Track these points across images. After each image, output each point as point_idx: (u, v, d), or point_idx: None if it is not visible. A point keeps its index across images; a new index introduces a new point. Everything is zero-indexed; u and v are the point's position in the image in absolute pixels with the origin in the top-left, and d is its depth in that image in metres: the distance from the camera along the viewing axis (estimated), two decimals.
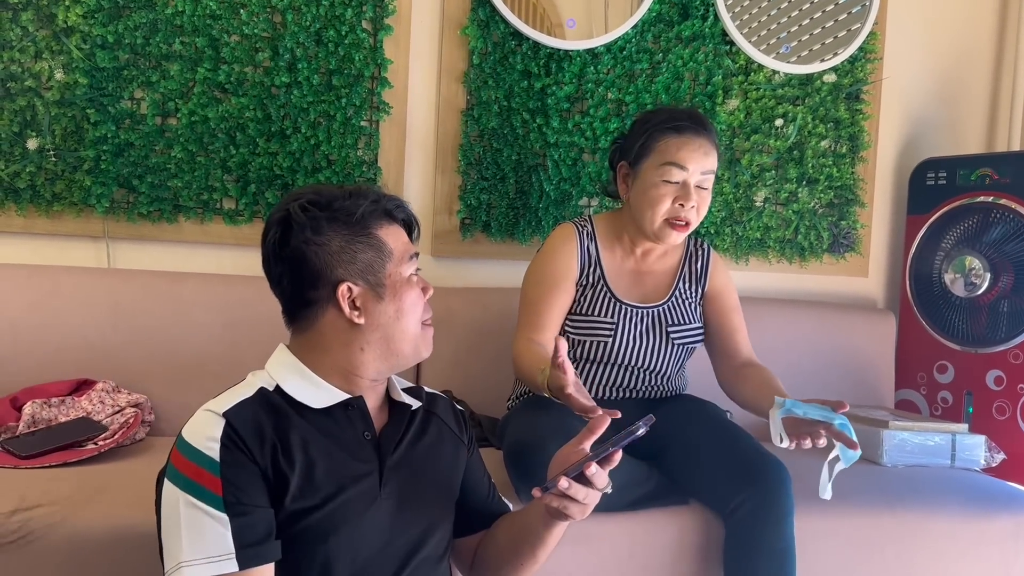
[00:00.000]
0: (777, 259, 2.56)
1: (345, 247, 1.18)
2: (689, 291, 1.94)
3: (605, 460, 1.11)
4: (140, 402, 1.96)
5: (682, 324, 1.90)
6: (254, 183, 2.21)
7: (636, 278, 1.92)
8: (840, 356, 2.45)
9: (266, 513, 1.11)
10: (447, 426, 1.33)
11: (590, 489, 1.10)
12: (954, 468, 2.11)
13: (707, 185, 1.82)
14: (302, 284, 1.19)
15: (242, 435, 1.11)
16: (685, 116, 1.82)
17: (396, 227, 1.24)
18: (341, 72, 2.23)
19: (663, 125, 1.82)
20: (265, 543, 1.10)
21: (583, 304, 1.88)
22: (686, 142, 1.79)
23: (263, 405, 1.16)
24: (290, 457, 1.13)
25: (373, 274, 1.19)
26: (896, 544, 1.83)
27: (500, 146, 2.35)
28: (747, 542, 1.64)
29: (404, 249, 1.22)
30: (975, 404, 2.37)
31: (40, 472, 1.65)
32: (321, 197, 1.20)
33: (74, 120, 2.11)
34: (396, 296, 1.20)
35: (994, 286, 2.33)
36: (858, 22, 2.50)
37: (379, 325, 1.19)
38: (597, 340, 1.86)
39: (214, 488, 1.08)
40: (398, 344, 1.21)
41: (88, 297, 2.05)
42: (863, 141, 2.57)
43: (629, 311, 1.87)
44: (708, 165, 1.80)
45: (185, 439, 1.12)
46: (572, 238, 1.90)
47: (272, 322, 2.07)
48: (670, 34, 2.42)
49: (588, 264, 1.90)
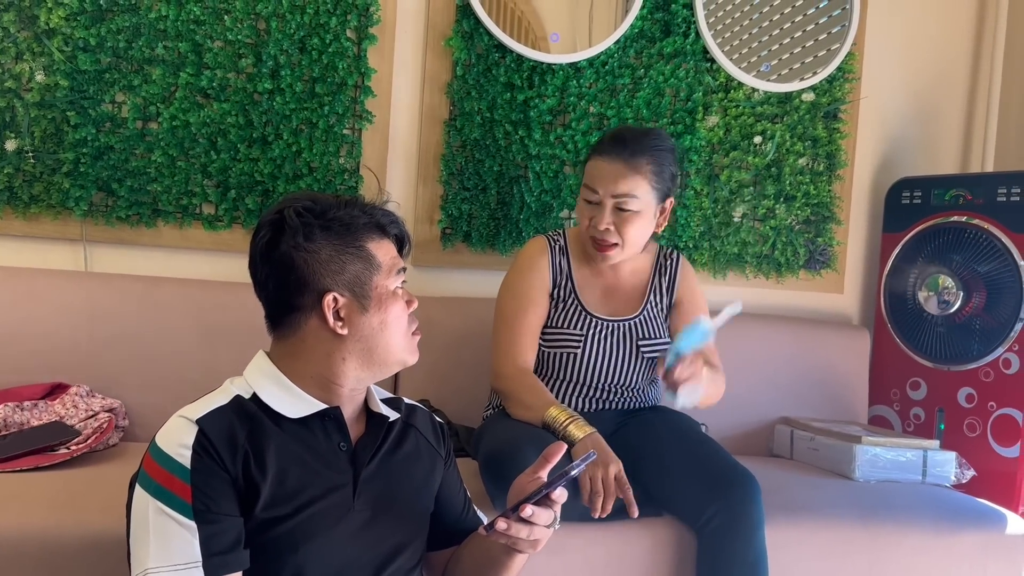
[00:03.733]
0: (754, 274, 2.59)
1: (334, 257, 1.18)
2: (660, 303, 1.96)
3: (545, 499, 1.10)
4: (114, 407, 1.95)
5: (653, 338, 1.91)
6: (234, 189, 2.20)
7: (607, 292, 1.94)
8: (815, 371, 2.47)
9: (235, 522, 1.11)
10: (425, 439, 1.33)
11: (533, 527, 1.10)
12: (925, 484, 2.13)
13: (626, 207, 1.81)
14: (287, 290, 1.19)
15: (214, 443, 1.11)
16: (611, 138, 1.85)
17: (387, 241, 1.24)
18: (324, 80, 2.23)
19: (596, 145, 1.87)
20: (233, 552, 1.10)
21: (554, 317, 1.90)
22: (599, 165, 1.83)
23: (238, 413, 1.16)
24: (262, 466, 1.13)
25: (360, 286, 1.19)
26: (867, 557, 1.85)
27: (482, 157, 2.36)
28: (719, 554, 1.65)
29: (392, 263, 1.23)
30: (947, 421, 2.40)
31: (11, 476, 1.63)
32: (317, 205, 1.20)
33: (54, 122, 2.10)
34: (381, 308, 1.20)
35: (966, 305, 2.36)
36: (837, 42, 2.54)
37: (362, 336, 1.20)
38: (566, 352, 1.87)
39: (184, 495, 1.08)
40: (380, 355, 1.21)
41: (64, 300, 2.03)
42: (840, 159, 2.60)
43: (599, 323, 1.89)
44: (617, 189, 1.80)
45: (158, 445, 1.12)
46: (544, 252, 1.92)
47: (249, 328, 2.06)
48: (652, 50, 2.44)
49: (560, 277, 1.91)
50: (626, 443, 1.78)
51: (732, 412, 2.34)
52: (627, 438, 1.83)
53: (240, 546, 1.11)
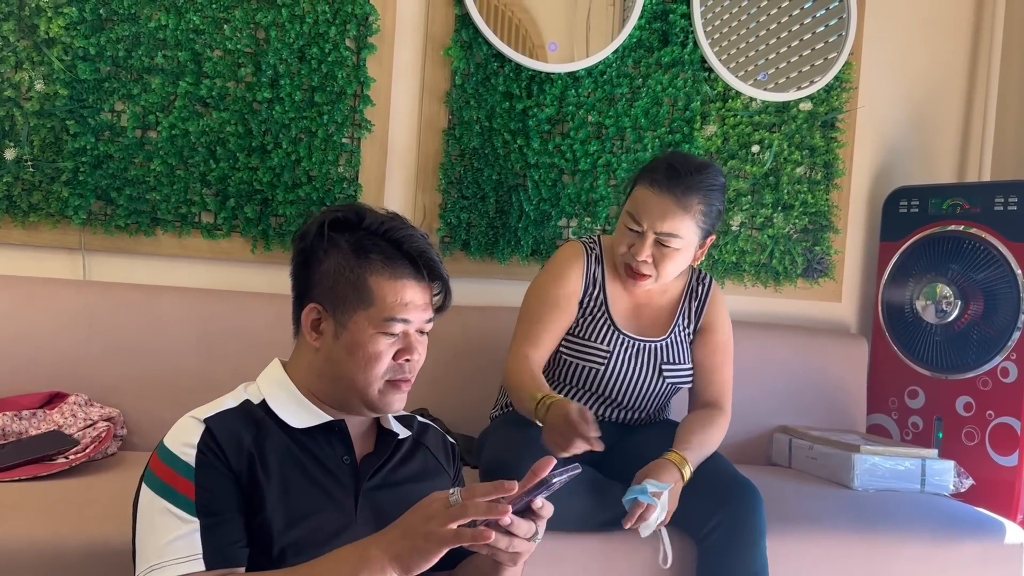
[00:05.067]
0: (752, 283, 2.59)
1: (332, 273, 1.18)
2: (687, 328, 1.92)
3: (527, 511, 1.04)
4: (113, 416, 1.94)
5: (677, 363, 1.88)
6: (233, 198, 2.21)
7: (637, 309, 1.90)
8: (813, 380, 2.47)
9: (237, 519, 1.12)
10: (434, 458, 1.32)
11: (512, 538, 1.02)
12: (924, 493, 2.13)
13: (669, 244, 1.75)
14: (297, 287, 1.23)
15: (220, 442, 1.12)
16: (666, 168, 1.75)
17: (411, 284, 1.18)
18: (323, 89, 2.24)
19: (649, 172, 1.78)
20: (234, 546, 1.10)
21: (582, 327, 1.86)
22: (648, 197, 1.75)
23: (245, 417, 1.17)
24: (267, 469, 1.14)
25: (343, 312, 1.17)
26: (866, 567, 1.85)
27: (481, 166, 2.37)
28: (720, 565, 1.65)
29: (397, 310, 1.16)
30: (945, 430, 2.40)
31: (9, 486, 1.63)
32: (358, 218, 1.19)
33: (53, 131, 2.10)
34: (351, 345, 1.17)
35: (964, 313, 2.37)
36: (834, 51, 2.55)
37: (330, 360, 1.19)
38: (590, 366, 1.85)
39: (188, 493, 1.09)
40: (344, 385, 1.18)
41: (63, 309, 2.03)
42: (838, 168, 2.61)
43: (626, 341, 1.86)
44: (663, 227, 1.73)
45: (165, 444, 1.14)
46: (580, 258, 1.87)
47: (249, 337, 2.09)
48: (650, 60, 2.45)
49: (592, 287, 1.87)
50: (628, 452, 1.78)
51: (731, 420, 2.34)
52: (629, 447, 1.82)
53: (241, 543, 1.11)
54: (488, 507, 0.98)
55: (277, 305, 2.06)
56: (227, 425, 1.14)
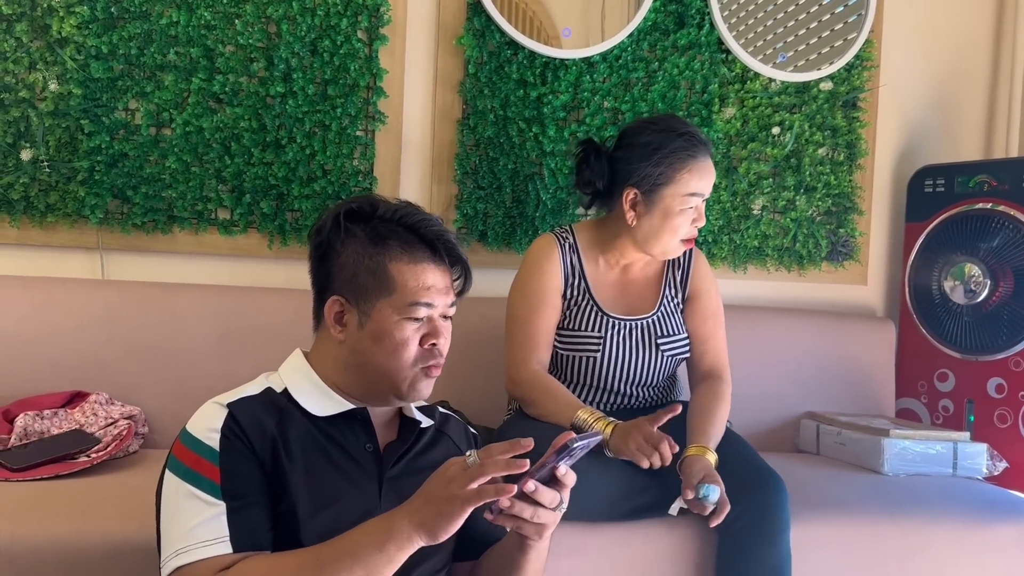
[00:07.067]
0: (775, 267, 2.55)
1: (351, 264, 1.18)
2: (676, 298, 1.92)
3: (552, 480, 1.04)
4: (133, 414, 1.95)
5: (672, 335, 1.88)
6: (249, 193, 2.20)
7: (621, 289, 1.90)
8: (840, 365, 2.43)
9: (263, 503, 1.11)
10: (456, 447, 1.31)
11: (537, 508, 1.03)
12: (956, 477, 2.09)
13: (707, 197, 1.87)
14: (317, 282, 1.22)
15: (244, 427, 1.12)
16: (690, 136, 1.81)
17: (431, 267, 1.18)
18: (336, 82, 2.23)
19: (682, 153, 1.79)
20: (260, 529, 1.10)
21: (570, 319, 1.85)
22: (702, 169, 1.81)
23: (268, 404, 1.17)
24: (290, 455, 1.14)
25: (365, 301, 1.17)
26: (897, 553, 1.82)
27: (496, 155, 2.34)
28: (741, 556, 1.62)
29: (420, 294, 1.16)
30: (976, 412, 2.35)
31: (32, 485, 1.63)
32: (372, 208, 1.19)
33: (68, 131, 2.10)
34: (377, 333, 1.17)
35: (994, 293, 2.32)
36: (854, 31, 2.50)
37: (356, 350, 1.18)
38: (585, 356, 1.84)
39: (213, 477, 1.09)
40: (371, 375, 1.18)
41: (82, 309, 2.03)
42: (860, 149, 2.56)
43: (616, 324, 1.85)
44: (712, 183, 1.85)
45: (188, 430, 1.14)
46: (553, 250, 1.87)
47: (268, 333, 2.08)
48: (666, 43, 2.42)
49: (572, 276, 1.87)
50: None
51: (756, 408, 2.32)
52: None
53: (267, 526, 1.11)
54: (507, 463, 0.98)
55: (296, 300, 2.05)
56: (250, 410, 1.14)
